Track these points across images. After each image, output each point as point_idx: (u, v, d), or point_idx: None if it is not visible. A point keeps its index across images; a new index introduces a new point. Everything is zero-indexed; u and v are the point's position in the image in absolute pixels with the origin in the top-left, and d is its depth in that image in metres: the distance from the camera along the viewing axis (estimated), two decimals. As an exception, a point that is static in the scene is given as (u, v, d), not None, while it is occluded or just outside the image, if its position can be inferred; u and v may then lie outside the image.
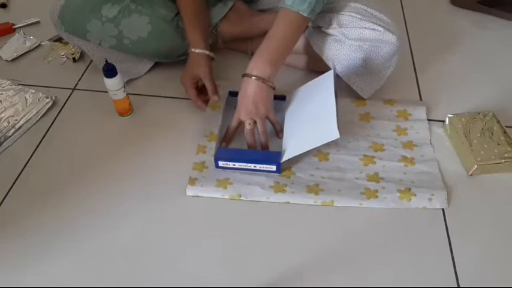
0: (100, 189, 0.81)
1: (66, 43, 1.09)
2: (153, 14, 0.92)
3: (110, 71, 0.84)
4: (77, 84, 1.02)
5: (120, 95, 0.89)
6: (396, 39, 0.85)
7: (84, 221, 0.76)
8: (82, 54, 1.08)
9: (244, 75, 0.80)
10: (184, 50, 0.96)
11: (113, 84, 0.86)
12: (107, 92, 0.88)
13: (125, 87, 0.89)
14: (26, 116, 0.93)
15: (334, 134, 0.73)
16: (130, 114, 0.93)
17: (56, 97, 0.97)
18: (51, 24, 0.94)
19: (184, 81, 0.92)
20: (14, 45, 1.11)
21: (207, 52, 0.89)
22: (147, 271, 0.70)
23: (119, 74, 0.86)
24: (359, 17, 0.84)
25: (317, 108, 0.80)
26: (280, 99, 0.90)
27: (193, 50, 0.89)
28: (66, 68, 1.06)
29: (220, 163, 0.81)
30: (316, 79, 0.85)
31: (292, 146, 0.80)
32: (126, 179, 0.82)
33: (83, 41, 0.93)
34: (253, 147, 0.84)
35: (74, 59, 1.07)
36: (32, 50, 1.11)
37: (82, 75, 1.04)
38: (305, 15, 0.78)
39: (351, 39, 0.85)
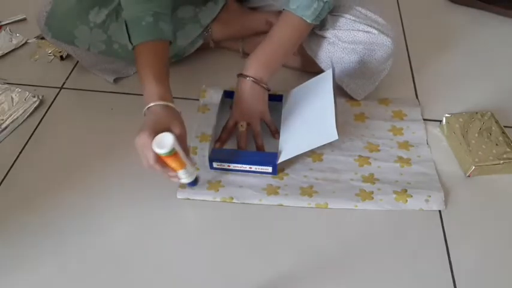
0: (88, 191, 0.79)
1: (54, 40, 1.07)
2: None
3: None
4: (64, 83, 1.00)
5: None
6: (391, 42, 0.82)
7: (73, 223, 0.75)
8: (70, 53, 1.06)
9: (239, 75, 0.79)
10: (174, 52, 0.94)
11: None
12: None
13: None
14: (12, 116, 0.91)
15: (333, 136, 0.71)
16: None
17: (43, 96, 0.96)
18: (38, 22, 0.91)
19: (145, 143, 0.63)
20: (0, 42, 1.09)
21: (178, 110, 0.69)
22: (137, 275, 0.68)
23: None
24: (353, 18, 0.82)
25: (315, 108, 0.78)
26: (277, 99, 0.88)
27: (162, 102, 0.67)
28: (53, 66, 1.04)
29: (215, 164, 0.79)
30: (314, 78, 0.83)
31: (289, 147, 0.78)
32: (115, 181, 0.80)
33: (71, 46, 0.90)
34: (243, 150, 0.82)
35: (61, 57, 1.04)
36: (18, 47, 1.09)
37: (70, 74, 1.02)
38: (309, 21, 0.77)
39: (344, 42, 0.83)
